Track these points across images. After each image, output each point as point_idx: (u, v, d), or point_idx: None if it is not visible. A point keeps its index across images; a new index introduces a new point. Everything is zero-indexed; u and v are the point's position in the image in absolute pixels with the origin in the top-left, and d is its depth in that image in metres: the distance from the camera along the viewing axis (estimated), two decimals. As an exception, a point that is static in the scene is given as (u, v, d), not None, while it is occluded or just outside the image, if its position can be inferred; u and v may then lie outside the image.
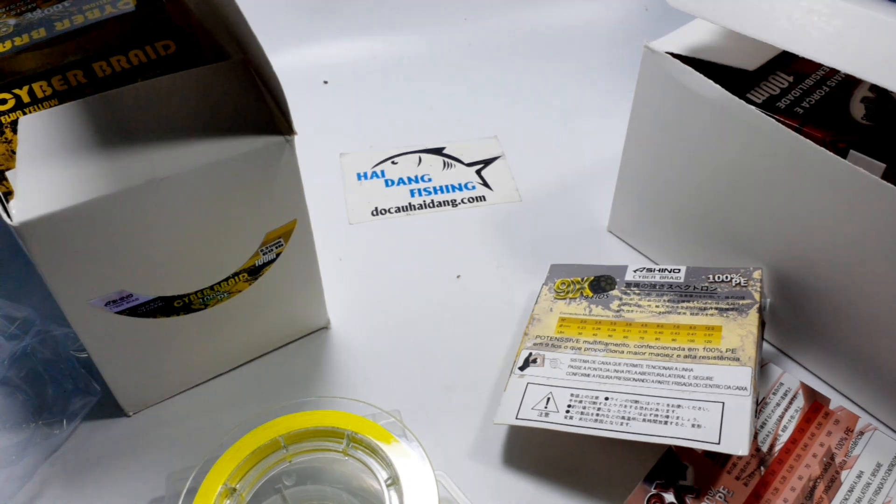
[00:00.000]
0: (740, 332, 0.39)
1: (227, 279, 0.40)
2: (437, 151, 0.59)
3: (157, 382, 0.42)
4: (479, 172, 0.57)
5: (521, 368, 0.41)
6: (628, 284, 0.44)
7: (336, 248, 0.52)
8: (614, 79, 0.66)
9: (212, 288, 0.39)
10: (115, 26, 0.46)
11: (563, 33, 0.70)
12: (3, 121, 0.40)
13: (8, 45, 0.44)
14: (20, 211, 0.33)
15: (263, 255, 0.40)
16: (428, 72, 0.67)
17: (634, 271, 0.45)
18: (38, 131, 0.35)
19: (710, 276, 0.43)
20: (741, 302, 0.41)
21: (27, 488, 0.40)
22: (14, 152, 0.39)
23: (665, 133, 0.45)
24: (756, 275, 0.42)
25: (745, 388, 0.36)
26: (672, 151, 0.45)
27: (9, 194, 0.36)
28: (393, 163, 0.59)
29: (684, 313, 0.42)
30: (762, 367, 0.43)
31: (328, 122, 0.62)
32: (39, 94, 0.41)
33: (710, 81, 0.40)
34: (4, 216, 0.33)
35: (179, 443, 0.41)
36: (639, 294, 0.44)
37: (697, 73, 0.41)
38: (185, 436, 0.41)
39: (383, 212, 0.55)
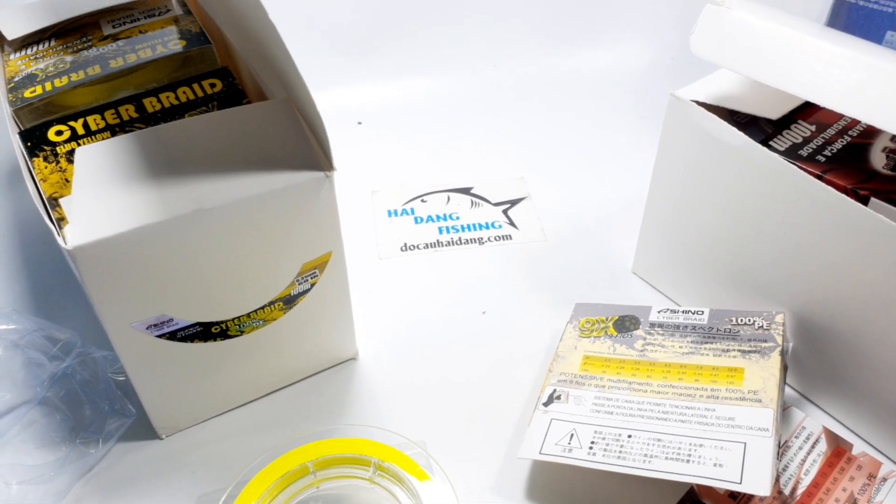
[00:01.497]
0: (762, 374, 0.40)
1: (263, 307, 0.41)
2: (466, 191, 0.61)
3: (191, 406, 0.44)
4: (505, 212, 0.59)
5: (546, 404, 0.42)
6: (652, 325, 0.45)
7: (366, 281, 0.54)
8: (638, 124, 0.67)
9: (249, 315, 0.41)
10: (164, 65, 0.48)
11: (589, 79, 0.72)
12: (59, 151, 0.43)
13: (65, 80, 0.46)
14: (74, 235, 0.34)
15: (299, 284, 0.41)
16: (458, 114, 0.69)
17: (658, 312, 0.46)
18: (93, 161, 0.37)
19: (733, 319, 0.44)
20: (763, 345, 0.42)
21: (62, 505, 0.41)
22: (68, 180, 0.41)
23: (689, 178, 0.46)
24: (778, 318, 0.43)
25: (767, 430, 0.37)
26: (696, 196, 0.46)
27: (61, 220, 0.38)
28: (422, 201, 0.60)
29: (707, 354, 0.42)
30: (784, 411, 0.43)
31: (361, 161, 0.64)
32: (93, 127, 0.44)
33: (734, 129, 0.42)
34: (59, 240, 0.35)
35: (210, 466, 0.42)
36: (662, 334, 0.44)
37: (722, 121, 0.42)
38: (215, 459, 0.43)
39: (412, 248, 0.56)
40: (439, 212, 0.59)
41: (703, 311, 0.45)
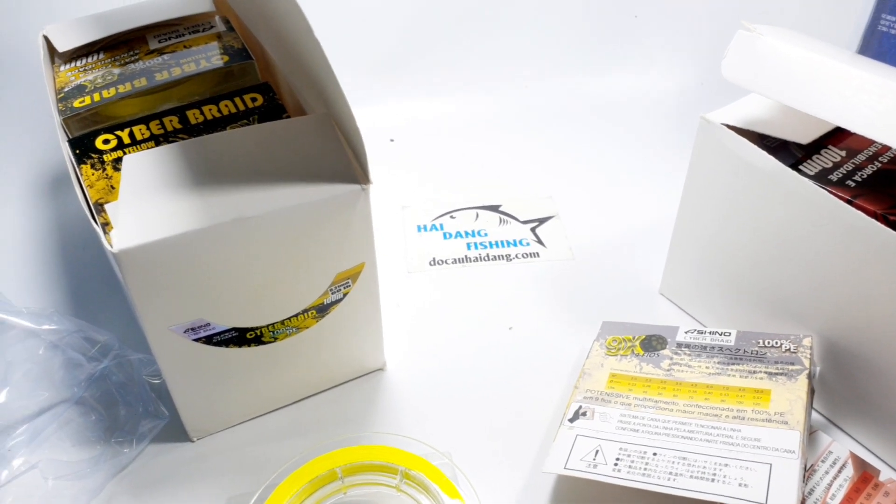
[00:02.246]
0: (789, 396, 0.40)
1: (297, 315, 0.42)
2: (494, 208, 0.62)
3: (222, 410, 0.45)
4: (533, 230, 0.60)
5: (571, 420, 0.42)
6: (679, 345, 0.46)
7: (395, 294, 0.54)
8: (667, 147, 0.68)
9: (283, 322, 0.42)
10: (207, 79, 0.50)
11: (619, 102, 0.73)
12: (106, 159, 0.44)
13: (112, 91, 0.48)
14: (120, 239, 0.36)
15: (332, 294, 0.42)
16: (488, 133, 0.70)
17: (685, 332, 0.46)
18: (139, 168, 0.39)
19: (760, 341, 0.44)
20: (790, 367, 0.42)
21: (95, 502, 0.42)
22: (113, 187, 0.43)
23: (719, 201, 0.46)
24: (806, 342, 0.43)
25: (794, 452, 0.37)
26: (725, 219, 0.46)
27: (106, 225, 0.40)
28: (451, 217, 0.61)
29: (734, 376, 0.42)
30: (811, 435, 0.43)
31: (392, 177, 0.65)
32: (138, 136, 0.46)
33: (764, 153, 0.42)
34: (105, 243, 0.36)
35: (239, 469, 0.43)
36: (689, 355, 0.45)
37: (752, 145, 0.43)
38: (244, 463, 0.43)
39: (440, 262, 0.57)
40: (468, 228, 0.60)
41: (730, 333, 0.45)
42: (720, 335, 0.45)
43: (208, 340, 0.40)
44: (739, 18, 0.44)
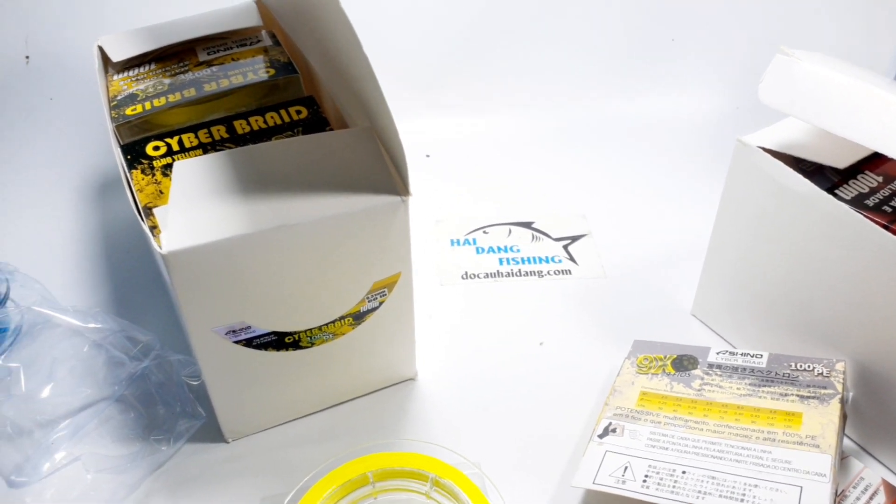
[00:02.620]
0: (821, 420, 0.40)
1: (334, 321, 0.43)
2: (527, 225, 0.63)
3: (258, 413, 0.46)
4: (566, 248, 0.60)
5: (601, 436, 0.43)
6: (710, 365, 0.46)
7: (427, 306, 0.55)
8: (701, 169, 0.68)
9: (320, 328, 0.43)
10: (254, 91, 0.52)
11: (654, 124, 0.74)
12: (156, 164, 0.46)
13: (163, 100, 0.50)
14: (169, 241, 0.37)
15: (369, 302, 0.43)
16: (523, 151, 0.71)
17: (717, 353, 0.46)
18: (189, 174, 0.40)
19: (793, 364, 0.44)
20: (823, 391, 0.42)
21: (133, 497, 0.43)
22: (162, 192, 0.44)
23: (753, 223, 0.47)
24: (839, 367, 0.43)
25: (825, 475, 0.37)
26: (760, 241, 0.47)
27: (154, 228, 0.41)
28: (484, 232, 0.62)
29: (765, 397, 0.42)
30: (842, 461, 0.43)
31: (427, 192, 0.67)
32: (187, 144, 0.47)
33: (800, 176, 0.42)
34: (154, 245, 0.38)
35: (273, 471, 0.44)
36: (720, 375, 0.45)
37: (788, 168, 0.43)
38: (277, 465, 0.44)
39: (473, 276, 0.58)
40: (500, 244, 0.61)
41: (761, 355, 0.45)
42: (752, 357, 0.45)
43: (248, 343, 0.42)
44: (775, 44, 0.45)
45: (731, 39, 0.76)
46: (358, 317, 0.44)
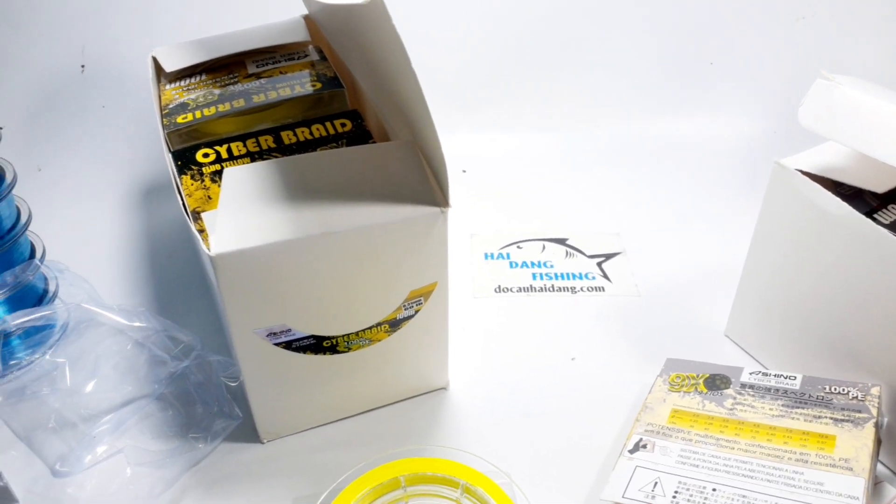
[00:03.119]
0: (855, 443, 0.40)
1: (371, 327, 0.44)
2: (561, 241, 0.63)
3: (294, 415, 0.47)
4: (599, 265, 0.61)
5: (631, 451, 0.43)
6: (743, 385, 0.46)
7: (460, 317, 0.56)
8: (736, 191, 0.68)
9: (357, 334, 0.44)
10: (300, 103, 0.53)
11: (691, 146, 0.74)
12: (205, 171, 0.48)
13: (213, 110, 0.52)
14: (217, 244, 0.39)
15: (405, 310, 0.44)
16: (559, 169, 0.72)
17: (750, 374, 0.46)
18: (238, 181, 0.42)
19: (827, 387, 0.44)
20: (857, 415, 0.42)
21: (170, 492, 0.45)
22: (210, 197, 0.46)
23: (790, 246, 0.47)
24: (874, 391, 0.43)
25: (858, 498, 0.37)
26: (796, 264, 0.47)
27: (202, 231, 0.43)
28: (518, 247, 0.63)
29: (798, 419, 0.42)
30: (876, 486, 0.43)
31: (462, 206, 0.68)
32: (235, 153, 0.49)
33: (839, 200, 0.43)
34: (203, 247, 0.39)
35: (306, 473, 0.45)
36: (753, 395, 0.45)
37: (826, 191, 0.43)
38: (311, 467, 0.45)
39: (506, 290, 0.59)
40: (534, 259, 0.62)
41: (795, 377, 0.45)
42: (785, 378, 0.45)
43: (288, 345, 0.43)
44: (813, 69, 0.45)
45: (769, 64, 0.76)
46: (394, 324, 0.45)
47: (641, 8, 0.75)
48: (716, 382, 0.46)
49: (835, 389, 0.44)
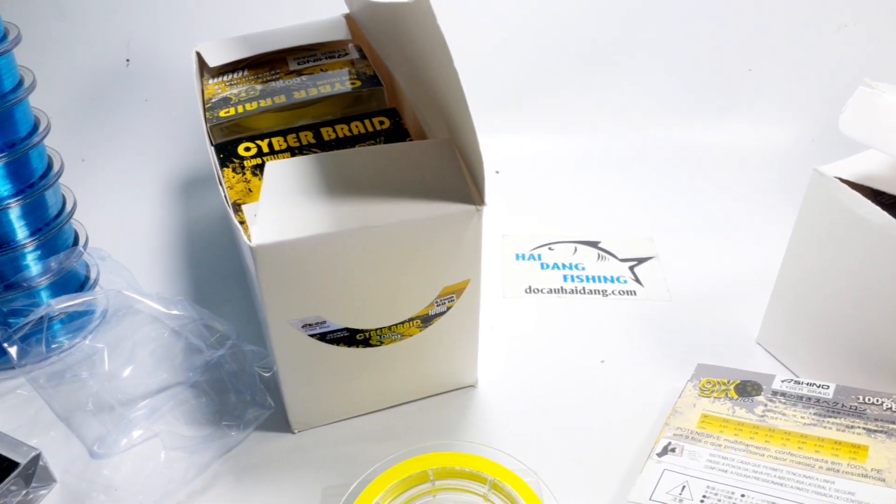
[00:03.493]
0: (888, 454, 0.39)
1: (403, 322, 0.45)
2: (593, 244, 0.63)
3: (325, 406, 0.48)
4: (632, 269, 0.61)
5: (660, 455, 0.43)
6: (774, 392, 0.45)
7: (490, 316, 0.56)
8: (772, 199, 0.68)
9: (390, 328, 0.44)
10: (339, 101, 0.54)
11: (727, 151, 0.74)
12: (246, 164, 0.49)
13: (255, 105, 0.53)
14: (258, 235, 0.39)
15: (437, 306, 0.45)
16: (592, 172, 0.72)
17: (782, 381, 0.46)
18: (279, 175, 0.43)
19: (861, 397, 0.44)
20: (891, 426, 0.41)
21: (202, 478, 0.46)
22: (251, 190, 0.47)
23: (827, 254, 0.46)
24: (910, 403, 0.42)
25: (890, 510, 0.36)
26: (832, 273, 0.46)
27: (242, 223, 0.44)
28: (550, 248, 0.63)
29: (830, 428, 0.42)
30: (908, 499, 0.42)
31: (495, 206, 0.67)
32: (276, 147, 0.50)
33: (878, 208, 0.42)
34: (244, 238, 0.40)
35: (335, 464, 0.46)
36: (784, 403, 0.45)
37: (865, 199, 0.43)
38: (341, 458, 0.46)
39: (536, 291, 0.59)
40: (565, 261, 0.62)
41: (828, 386, 0.45)
42: (818, 387, 0.45)
43: (322, 337, 0.44)
44: (853, 78, 0.45)
45: (808, 71, 0.75)
46: (426, 320, 0.45)
47: (681, 12, 0.75)
48: (747, 389, 0.46)
49: (868, 400, 0.43)
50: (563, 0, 0.74)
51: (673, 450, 0.43)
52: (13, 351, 0.47)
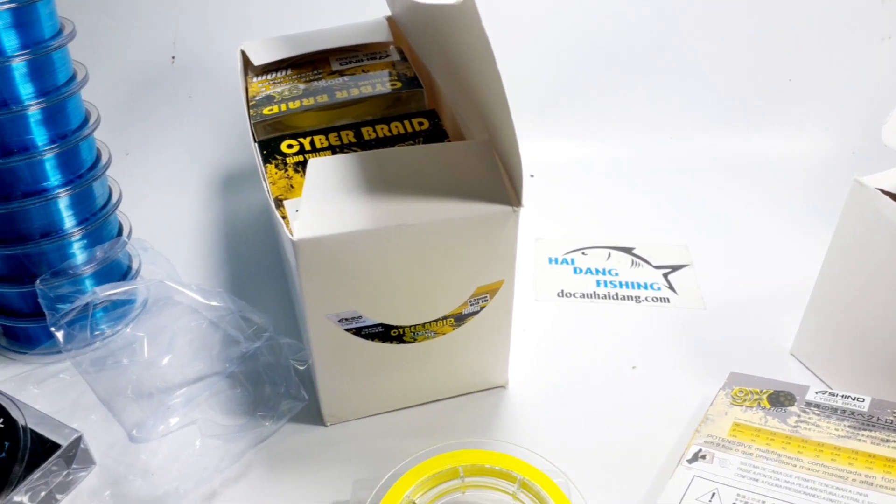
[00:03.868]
0: (924, 470, 0.39)
1: (436, 320, 0.45)
2: (627, 250, 0.63)
3: (357, 400, 0.48)
4: (665, 276, 0.61)
5: (690, 461, 0.43)
6: (808, 404, 0.45)
7: (521, 319, 0.57)
8: (810, 210, 0.67)
9: (424, 325, 0.45)
10: (380, 101, 0.55)
11: (764, 161, 0.73)
12: (288, 161, 0.50)
13: (297, 104, 0.54)
14: (300, 230, 0.40)
15: (471, 305, 0.45)
16: (628, 179, 0.72)
17: (816, 393, 0.46)
18: (321, 172, 0.43)
19: (897, 412, 0.43)
20: (928, 442, 0.41)
21: (236, 466, 0.47)
22: (292, 186, 0.48)
23: (865, 266, 0.46)
24: (947, 419, 0.42)
25: (925, 525, 0.36)
26: (870, 285, 0.46)
27: (284, 218, 0.45)
28: (583, 253, 0.63)
29: (864, 441, 0.42)
30: (944, 517, 0.42)
31: (528, 210, 0.68)
32: (318, 145, 0.51)
33: (920, 221, 0.42)
34: (286, 232, 0.41)
35: (366, 457, 0.46)
36: (818, 415, 0.44)
37: (907, 212, 0.43)
38: (372, 452, 0.47)
39: (569, 295, 0.59)
40: (599, 266, 0.62)
41: (864, 399, 0.44)
42: (853, 400, 0.45)
43: (357, 332, 0.44)
44: (894, 90, 0.45)
45: (850, 83, 0.74)
46: (459, 318, 0.46)
47: (721, 21, 0.74)
48: (780, 399, 0.46)
49: (905, 414, 0.43)
50: (604, 8, 0.74)
51: (703, 457, 0.43)
52: (60, 335, 0.49)
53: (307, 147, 0.50)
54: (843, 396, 0.45)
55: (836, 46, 0.74)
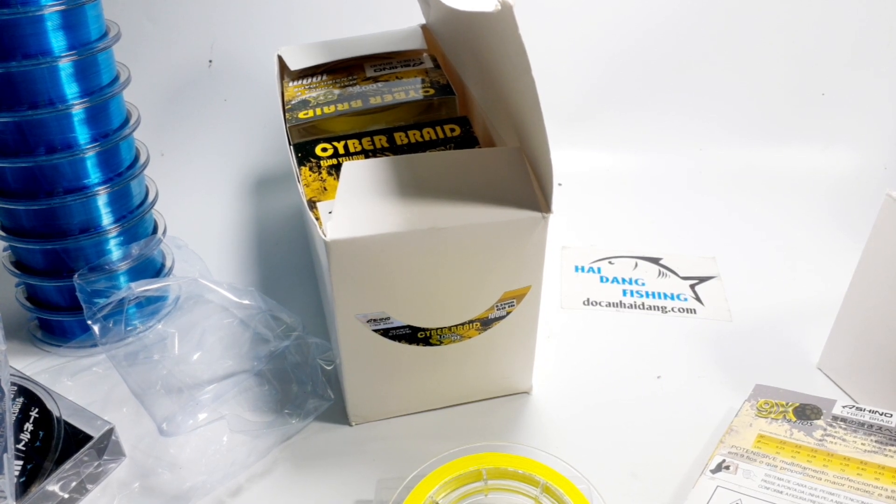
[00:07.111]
0: (953, 488, 0.39)
1: (463, 324, 0.46)
2: (654, 261, 0.64)
3: (383, 401, 0.49)
4: (692, 287, 0.60)
5: (713, 472, 0.43)
6: (835, 418, 0.45)
7: (547, 326, 0.57)
8: (839, 225, 0.67)
9: (450, 328, 0.46)
10: (413, 107, 0.56)
11: (794, 176, 0.73)
12: (322, 164, 0.51)
13: (332, 108, 0.55)
14: (333, 231, 0.41)
15: (497, 310, 0.46)
16: (656, 190, 0.72)
17: (843, 407, 0.46)
18: (355, 175, 0.44)
19: (926, 429, 0.43)
20: (958, 460, 0.40)
21: (262, 462, 0.47)
22: (326, 189, 0.49)
23: None
24: (978, 438, 0.41)
25: (953, 544, 0.36)
26: (900, 300, 0.46)
27: (317, 219, 0.46)
28: (610, 262, 0.64)
29: (891, 456, 0.41)
30: (972, 537, 0.41)
31: (556, 218, 0.68)
32: (351, 149, 0.52)
33: (953, 238, 0.42)
34: (319, 233, 0.42)
35: (390, 457, 0.47)
36: (845, 429, 0.44)
37: (940, 228, 0.42)
38: (396, 452, 0.47)
39: (595, 303, 0.59)
40: (625, 275, 0.62)
41: (892, 414, 0.44)
42: (881, 415, 0.44)
43: (385, 333, 0.45)
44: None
45: (882, 97, 0.74)
46: (485, 323, 0.46)
47: (753, 35, 0.74)
48: (806, 412, 0.46)
49: (934, 432, 0.42)
50: (637, 21, 0.75)
51: (727, 467, 0.43)
52: (96, 328, 0.50)
53: (341, 151, 0.51)
54: (870, 411, 0.45)
55: (869, 62, 0.74)
